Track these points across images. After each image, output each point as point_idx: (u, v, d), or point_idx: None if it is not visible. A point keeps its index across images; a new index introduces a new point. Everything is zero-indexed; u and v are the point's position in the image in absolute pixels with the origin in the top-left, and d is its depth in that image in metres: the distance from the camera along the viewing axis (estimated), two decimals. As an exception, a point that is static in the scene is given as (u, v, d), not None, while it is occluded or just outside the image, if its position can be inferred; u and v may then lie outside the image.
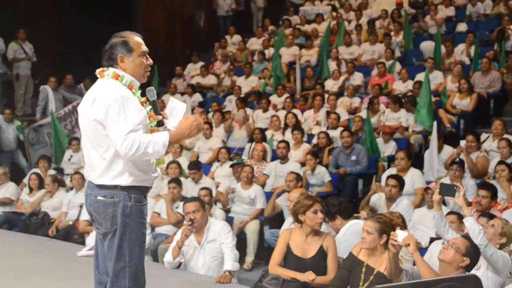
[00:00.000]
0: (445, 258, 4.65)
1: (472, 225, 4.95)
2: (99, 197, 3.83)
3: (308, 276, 5.17)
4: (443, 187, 5.26)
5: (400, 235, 4.72)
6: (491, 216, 5.86)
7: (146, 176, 3.89)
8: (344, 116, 11.40)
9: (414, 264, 5.30)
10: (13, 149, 12.12)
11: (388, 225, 4.92)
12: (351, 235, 5.75)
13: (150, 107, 3.94)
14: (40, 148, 12.16)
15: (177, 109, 3.99)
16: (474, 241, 4.79)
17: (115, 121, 3.68)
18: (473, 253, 4.66)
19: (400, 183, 7.40)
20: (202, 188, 8.07)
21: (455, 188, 5.19)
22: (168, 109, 4.00)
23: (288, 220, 6.88)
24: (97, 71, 3.96)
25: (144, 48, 3.96)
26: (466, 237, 4.89)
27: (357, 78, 13.13)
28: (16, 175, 11.56)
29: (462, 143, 8.69)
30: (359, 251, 5.01)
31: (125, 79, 3.87)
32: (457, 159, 8.06)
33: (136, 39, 3.93)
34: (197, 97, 14.07)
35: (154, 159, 3.87)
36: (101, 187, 3.83)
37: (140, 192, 3.87)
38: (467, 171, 8.18)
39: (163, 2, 17.33)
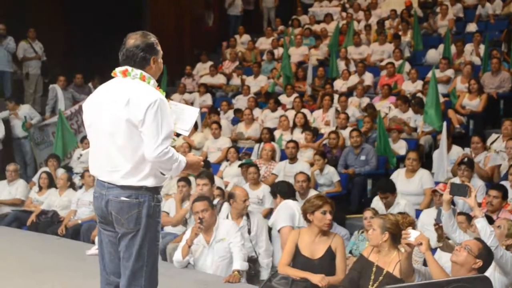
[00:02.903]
0: (458, 260, 4.63)
1: (484, 226, 4.91)
2: (122, 198, 3.78)
3: (321, 281, 5.17)
4: (454, 187, 5.20)
5: (412, 234, 4.71)
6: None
7: (164, 177, 3.89)
8: (355, 116, 11.41)
9: (423, 265, 5.29)
10: (21, 136, 12.15)
11: (392, 223, 4.96)
12: (281, 210, 6.92)
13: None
14: (45, 148, 12.16)
15: (186, 112, 3.98)
16: None
17: (151, 124, 3.65)
18: (486, 255, 4.63)
19: (391, 189, 7.46)
20: (216, 188, 8.06)
21: (466, 188, 5.15)
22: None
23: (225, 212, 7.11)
24: (119, 70, 3.88)
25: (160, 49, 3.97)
26: (479, 239, 4.86)
27: (368, 79, 13.11)
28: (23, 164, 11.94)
29: (468, 150, 8.71)
30: (370, 252, 5.03)
31: (152, 81, 3.85)
32: (466, 159, 8.01)
33: (157, 40, 3.93)
34: (207, 96, 14.07)
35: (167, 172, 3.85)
36: (125, 187, 3.78)
37: (159, 192, 3.90)
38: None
39: (172, 1, 17.34)
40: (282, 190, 7.30)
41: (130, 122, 3.70)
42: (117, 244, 3.90)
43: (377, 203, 7.59)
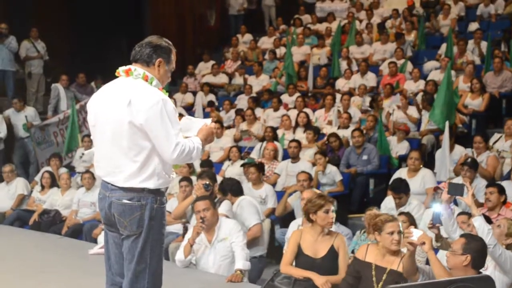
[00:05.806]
0: (450, 265, 4.63)
1: (481, 224, 4.92)
2: (124, 200, 3.76)
3: (324, 285, 5.16)
4: (452, 186, 5.25)
5: (415, 233, 4.71)
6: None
7: (168, 178, 3.88)
8: (357, 115, 11.39)
9: (426, 264, 5.28)
10: (24, 136, 12.15)
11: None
12: (246, 207, 7.17)
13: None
14: (46, 148, 12.17)
15: (196, 125, 3.96)
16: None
17: (160, 126, 3.65)
18: (471, 247, 4.57)
19: (405, 190, 7.39)
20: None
21: (463, 187, 5.18)
22: (182, 125, 3.91)
23: (297, 221, 6.93)
24: (123, 69, 3.88)
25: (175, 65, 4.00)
26: (463, 234, 4.86)
27: (371, 79, 13.08)
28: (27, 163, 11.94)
29: (470, 150, 8.69)
30: (365, 254, 5.02)
31: (154, 81, 3.84)
32: (469, 160, 7.99)
33: (175, 53, 3.97)
34: (211, 97, 14.08)
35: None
36: (127, 189, 3.77)
37: (162, 194, 3.87)
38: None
39: (174, 0, 17.34)
40: (233, 188, 7.46)
41: (132, 124, 3.68)
42: (121, 245, 3.89)
43: (388, 202, 7.56)
